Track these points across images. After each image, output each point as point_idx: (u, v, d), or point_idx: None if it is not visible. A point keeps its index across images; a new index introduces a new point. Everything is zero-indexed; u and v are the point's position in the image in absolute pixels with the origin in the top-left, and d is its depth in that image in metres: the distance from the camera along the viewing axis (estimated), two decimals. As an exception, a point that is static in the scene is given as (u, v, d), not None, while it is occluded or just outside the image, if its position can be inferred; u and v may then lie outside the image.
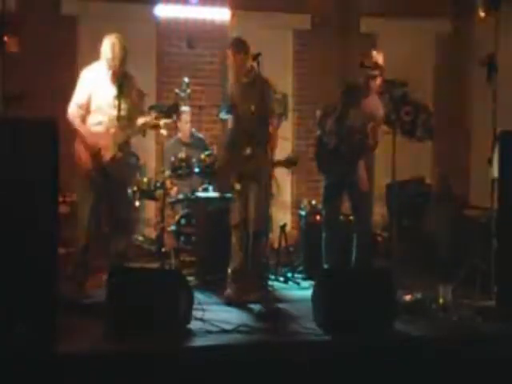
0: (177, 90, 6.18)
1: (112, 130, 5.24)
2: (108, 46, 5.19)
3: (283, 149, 7.90)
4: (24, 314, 3.93)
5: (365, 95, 5.70)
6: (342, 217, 6.11)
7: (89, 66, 5.34)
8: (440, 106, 8.69)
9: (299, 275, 6.45)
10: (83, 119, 5.21)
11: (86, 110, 5.21)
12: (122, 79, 5.30)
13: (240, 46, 5.49)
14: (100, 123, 5.23)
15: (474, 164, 8.47)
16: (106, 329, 4.25)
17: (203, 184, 6.52)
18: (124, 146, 5.35)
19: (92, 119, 5.24)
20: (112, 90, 5.25)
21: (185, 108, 7.05)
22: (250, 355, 4.15)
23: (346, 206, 6.08)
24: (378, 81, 5.62)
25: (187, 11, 7.73)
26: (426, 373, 4.22)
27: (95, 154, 5.18)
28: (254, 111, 5.37)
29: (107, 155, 5.22)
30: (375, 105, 5.65)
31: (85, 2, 7.70)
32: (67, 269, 5.15)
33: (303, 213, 6.74)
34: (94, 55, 5.37)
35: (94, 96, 5.21)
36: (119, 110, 5.24)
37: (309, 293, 4.74)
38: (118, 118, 5.25)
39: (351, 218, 5.98)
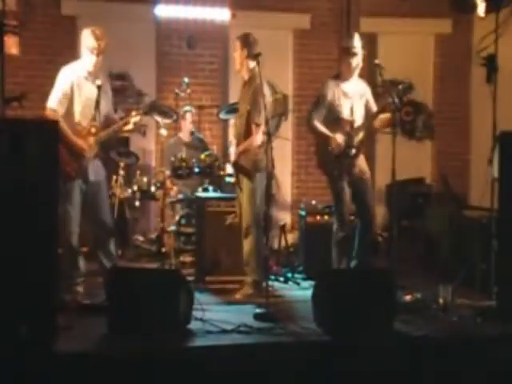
0: (177, 90, 6.20)
1: (93, 130, 5.13)
2: (89, 34, 5.09)
3: (283, 149, 7.94)
4: (24, 314, 3.93)
5: (346, 79, 5.67)
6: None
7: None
8: (440, 105, 8.72)
9: (299, 275, 6.45)
10: (65, 118, 5.06)
11: (67, 108, 5.08)
12: (101, 76, 5.22)
13: (244, 41, 5.49)
14: (79, 123, 5.11)
15: (474, 164, 8.48)
16: (106, 329, 4.25)
17: (203, 184, 6.53)
18: (107, 145, 5.28)
19: (72, 119, 5.11)
20: (93, 88, 5.13)
21: (187, 108, 7.07)
22: (249, 355, 4.14)
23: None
24: (357, 62, 5.57)
25: (187, 11, 7.74)
26: (426, 373, 4.22)
27: (78, 154, 5.08)
28: (246, 111, 5.41)
29: (88, 155, 5.12)
30: (357, 85, 5.65)
31: (85, 2, 7.72)
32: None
33: (303, 213, 6.73)
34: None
35: (74, 95, 5.09)
36: (97, 108, 5.11)
37: (309, 293, 4.73)
38: (96, 116, 5.14)
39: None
